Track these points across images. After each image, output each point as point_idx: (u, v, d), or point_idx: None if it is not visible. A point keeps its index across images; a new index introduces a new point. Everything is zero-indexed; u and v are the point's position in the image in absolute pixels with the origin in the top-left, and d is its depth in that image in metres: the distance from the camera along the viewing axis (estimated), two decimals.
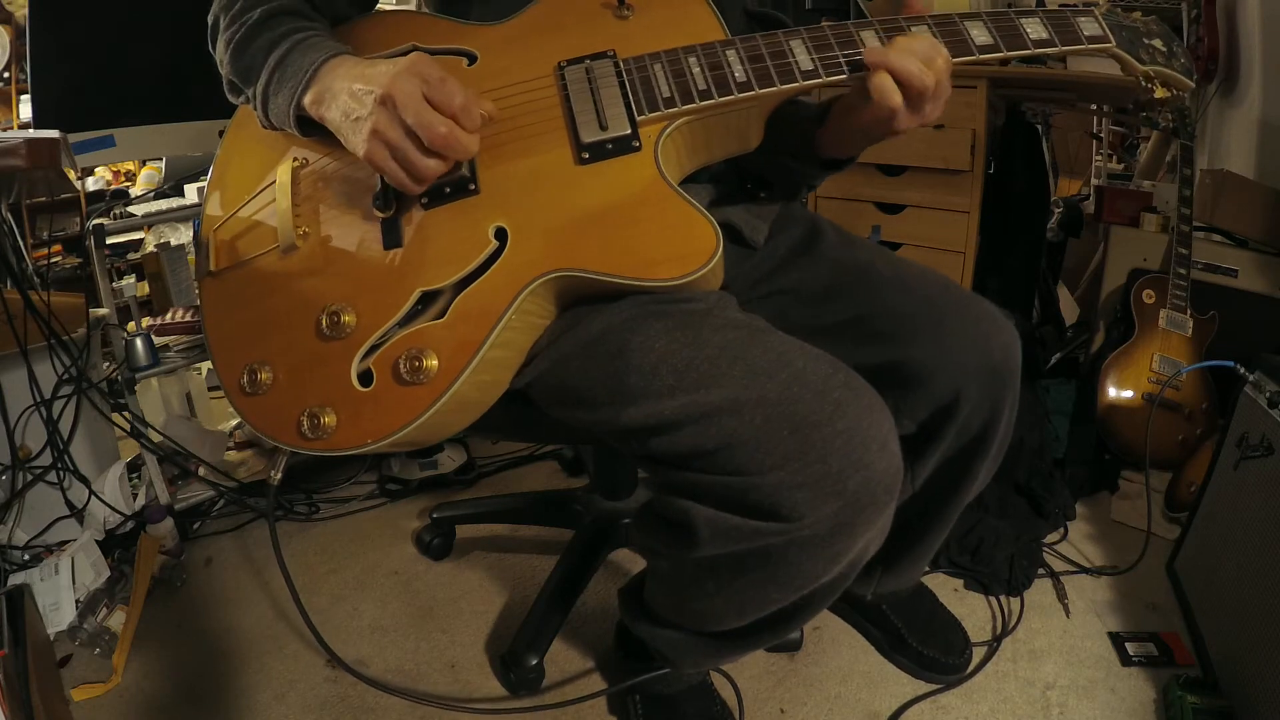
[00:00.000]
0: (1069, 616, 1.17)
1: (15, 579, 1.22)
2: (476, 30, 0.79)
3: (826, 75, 0.72)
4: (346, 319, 0.70)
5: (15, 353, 1.31)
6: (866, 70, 0.70)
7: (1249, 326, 1.50)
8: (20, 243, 1.48)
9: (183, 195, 1.74)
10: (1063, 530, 1.37)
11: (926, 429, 0.86)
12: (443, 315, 0.69)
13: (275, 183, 0.77)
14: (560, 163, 0.72)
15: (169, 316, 1.55)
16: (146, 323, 1.51)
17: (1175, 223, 1.56)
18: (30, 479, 1.34)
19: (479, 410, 0.74)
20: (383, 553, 1.42)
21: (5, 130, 2.17)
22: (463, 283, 0.69)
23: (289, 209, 0.74)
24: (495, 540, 1.44)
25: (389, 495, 1.61)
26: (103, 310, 1.44)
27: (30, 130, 1.25)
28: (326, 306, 0.71)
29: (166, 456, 1.50)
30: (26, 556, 1.30)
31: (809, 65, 0.72)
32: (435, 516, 1.40)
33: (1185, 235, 1.54)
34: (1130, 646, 1.09)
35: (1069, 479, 1.47)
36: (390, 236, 0.72)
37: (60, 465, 1.36)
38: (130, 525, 1.42)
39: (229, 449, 1.68)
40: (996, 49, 0.73)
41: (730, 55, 0.73)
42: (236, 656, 1.17)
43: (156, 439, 1.49)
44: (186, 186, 1.74)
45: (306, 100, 0.71)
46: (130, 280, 1.82)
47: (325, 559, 1.41)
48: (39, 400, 1.34)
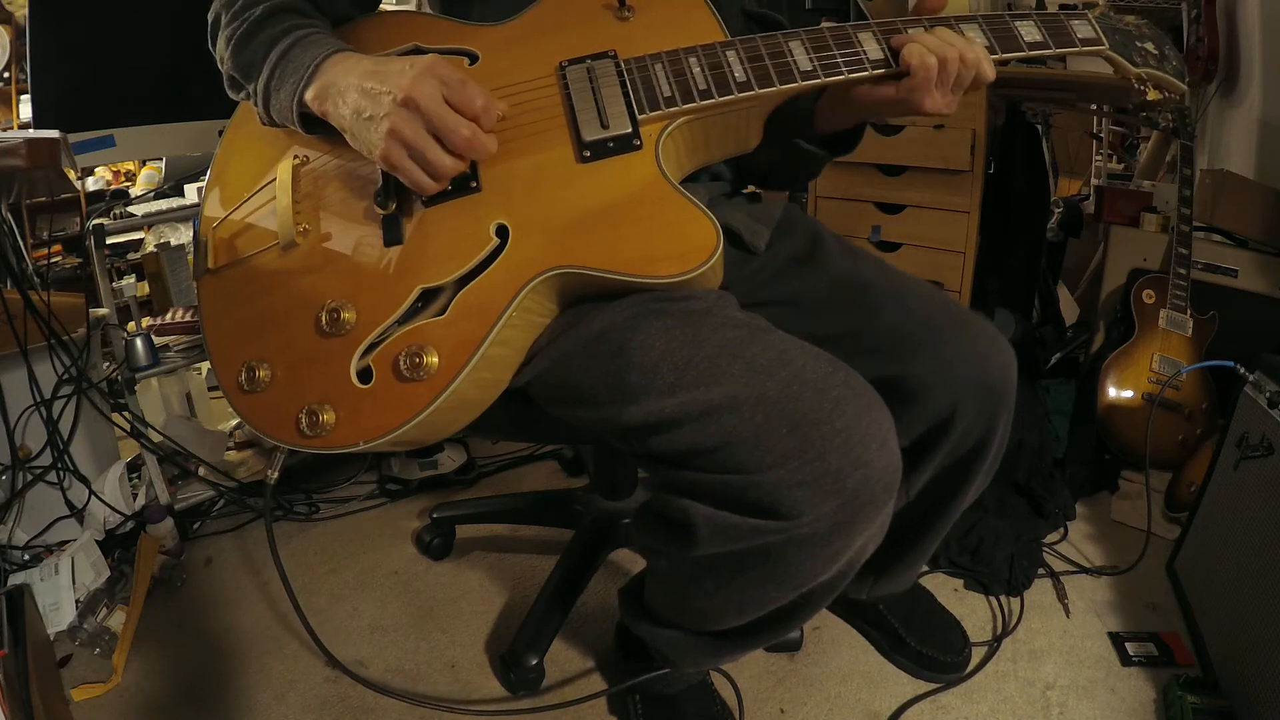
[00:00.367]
0: (1069, 616, 1.18)
1: (15, 579, 1.22)
2: (478, 30, 0.79)
3: (825, 75, 0.73)
4: (346, 316, 0.70)
5: (15, 353, 1.31)
6: (896, 51, 0.71)
7: (1249, 326, 1.50)
8: (20, 243, 1.48)
9: (183, 195, 1.73)
10: (1063, 530, 1.37)
11: (921, 444, 0.86)
12: (443, 312, 0.69)
13: (275, 180, 0.77)
14: (561, 161, 0.73)
15: (169, 316, 1.55)
16: (146, 323, 1.51)
17: (1175, 223, 1.56)
18: (30, 479, 1.34)
19: (479, 409, 0.74)
20: (383, 553, 1.42)
21: (5, 130, 2.17)
22: (464, 280, 0.69)
23: (289, 206, 0.74)
24: (495, 540, 1.44)
25: (389, 495, 1.61)
26: (103, 310, 1.44)
27: (30, 130, 1.24)
28: (326, 303, 0.71)
29: (166, 456, 1.50)
30: (26, 556, 1.30)
31: (808, 66, 0.73)
32: (435, 516, 1.40)
33: (1185, 235, 1.54)
34: (1130, 646, 1.10)
35: (1069, 479, 1.47)
36: (391, 233, 0.72)
37: (60, 465, 1.36)
38: (130, 525, 1.42)
39: (229, 449, 1.68)
40: (991, 51, 0.74)
41: (730, 56, 0.74)
42: (236, 656, 1.17)
43: (156, 439, 1.49)
44: (186, 186, 1.74)
45: (309, 96, 0.71)
46: (130, 280, 1.82)
47: (325, 559, 1.41)
48: (39, 400, 1.34)
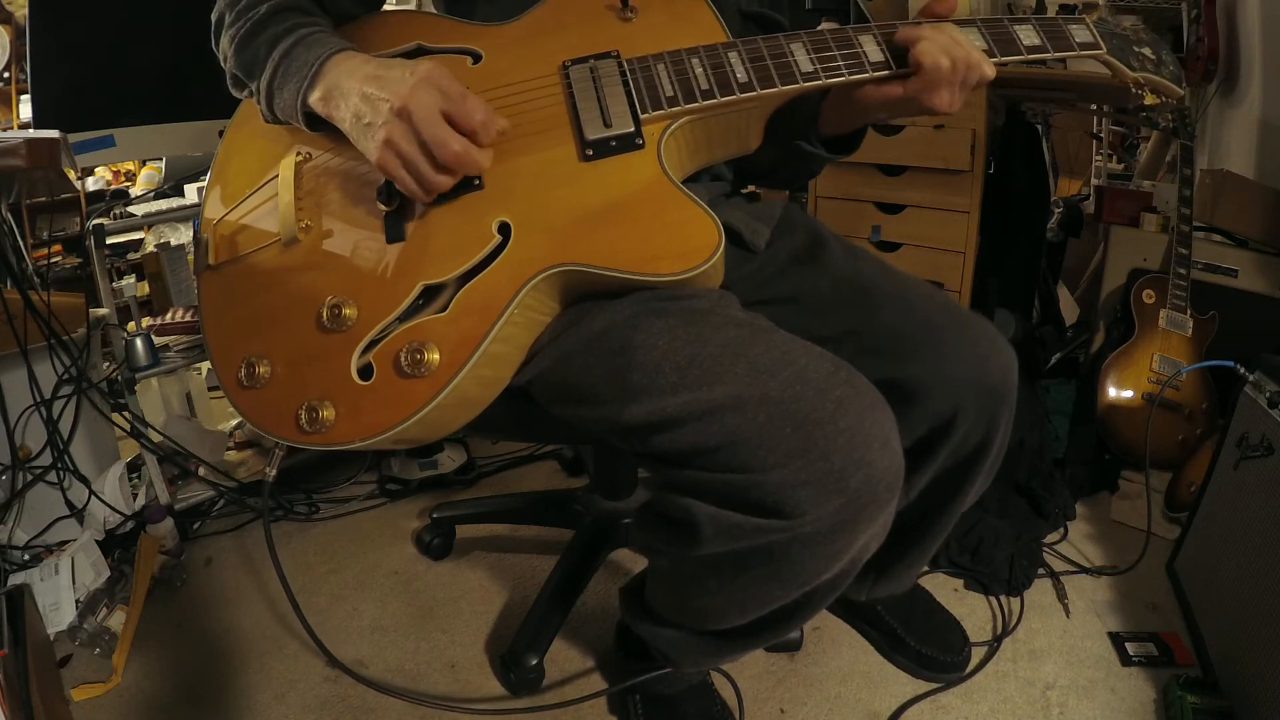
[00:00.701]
0: (1069, 616, 1.18)
1: (15, 579, 1.22)
2: (481, 30, 0.80)
3: (826, 77, 0.73)
4: (348, 312, 0.70)
5: (15, 353, 1.31)
6: (904, 46, 0.71)
7: (1249, 326, 1.50)
8: (20, 243, 1.48)
9: (183, 195, 1.73)
10: (1063, 530, 1.37)
11: (922, 445, 0.86)
12: (445, 309, 0.69)
13: (277, 177, 0.77)
14: (564, 159, 0.73)
15: (169, 316, 1.55)
16: (146, 323, 1.51)
17: (1175, 223, 1.56)
18: (30, 479, 1.34)
19: (479, 407, 0.74)
20: (383, 553, 1.42)
21: (5, 130, 2.17)
22: (465, 277, 0.69)
23: (291, 202, 0.74)
24: (495, 540, 1.44)
25: (389, 495, 1.61)
26: (103, 310, 1.44)
27: (30, 130, 1.24)
28: (327, 300, 0.71)
29: (166, 456, 1.50)
30: (26, 556, 1.30)
31: (809, 67, 0.73)
32: (435, 516, 1.40)
33: (1185, 235, 1.54)
34: (1130, 646, 1.10)
35: (1069, 479, 1.47)
36: (393, 230, 0.72)
37: (60, 465, 1.36)
38: (130, 525, 1.42)
39: (229, 449, 1.68)
40: (990, 55, 0.74)
41: (732, 56, 0.74)
42: (236, 656, 1.17)
43: (156, 439, 1.49)
44: (186, 186, 1.74)
45: (314, 98, 0.71)
46: (130, 280, 1.82)
47: (325, 559, 1.41)
48: (39, 400, 1.34)
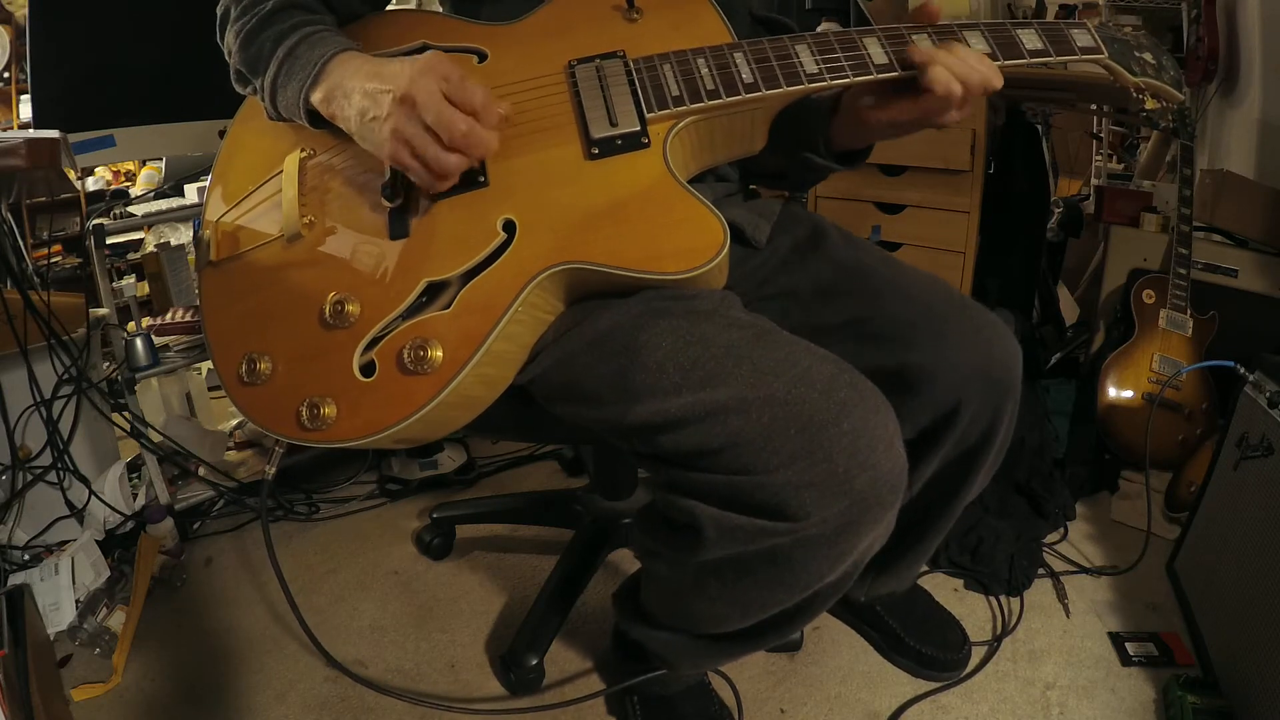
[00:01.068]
0: (1069, 616, 1.18)
1: (15, 579, 1.22)
2: (487, 30, 0.80)
3: (830, 79, 0.73)
4: (350, 309, 0.70)
5: (15, 353, 1.31)
6: (917, 67, 0.71)
7: (1249, 326, 1.50)
8: (20, 243, 1.48)
9: (183, 195, 1.73)
10: (1063, 530, 1.37)
11: (925, 436, 0.86)
12: (448, 307, 0.68)
13: (281, 173, 0.77)
14: (569, 158, 0.73)
15: (169, 316, 1.55)
16: (146, 323, 1.51)
17: (1175, 223, 1.56)
18: (30, 479, 1.34)
19: (481, 406, 0.74)
20: (382, 553, 1.42)
21: (5, 130, 2.17)
22: (469, 274, 0.69)
23: (295, 198, 0.74)
24: (495, 540, 1.44)
25: (389, 495, 1.61)
26: (103, 310, 1.44)
27: (30, 130, 1.25)
28: (330, 296, 0.70)
29: (166, 456, 1.51)
30: (26, 556, 1.30)
31: (814, 69, 0.73)
32: (435, 516, 1.40)
33: (1185, 235, 1.54)
34: (1130, 646, 1.10)
35: (1069, 479, 1.47)
36: (397, 227, 0.72)
37: (60, 465, 1.36)
38: (130, 525, 1.42)
39: (229, 449, 1.68)
40: (994, 58, 0.74)
41: (738, 57, 0.74)
42: (236, 656, 1.17)
43: (156, 439, 1.49)
44: (186, 186, 1.74)
45: (316, 97, 0.71)
46: (130, 280, 1.82)
47: (325, 559, 1.41)
48: (39, 400, 1.34)
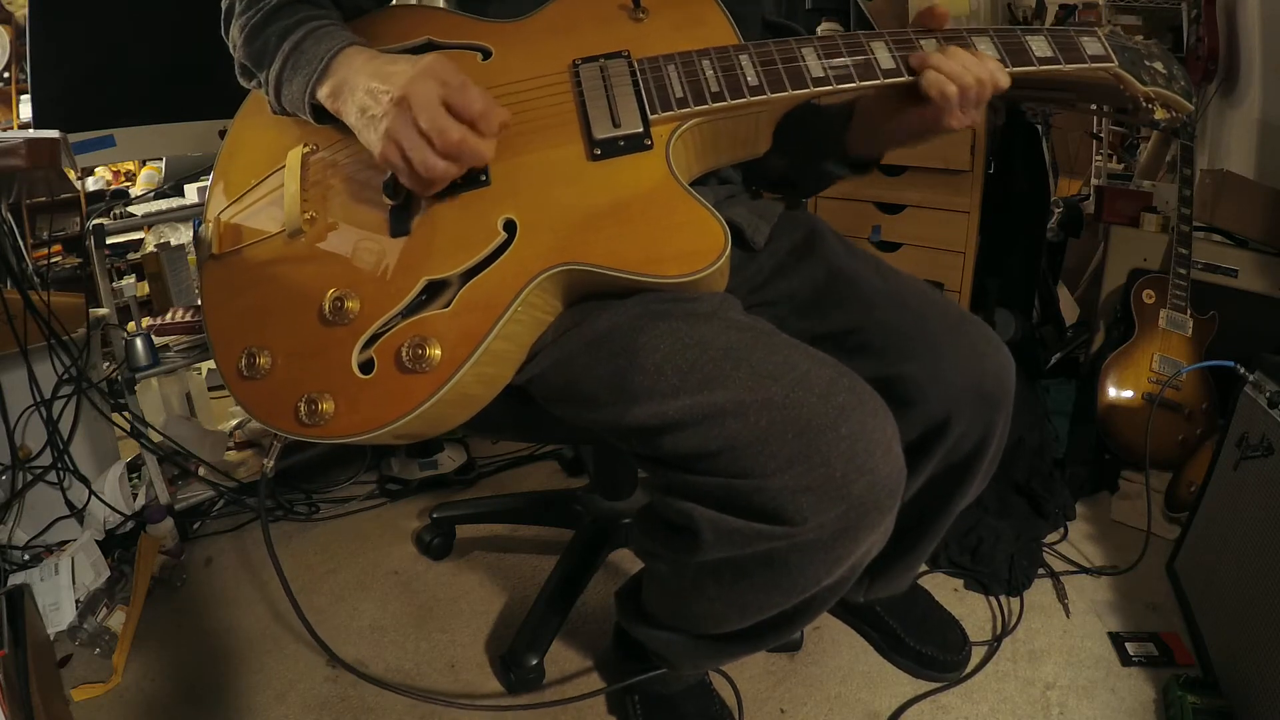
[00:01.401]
0: (1069, 616, 1.18)
1: (15, 579, 1.22)
2: (492, 27, 0.80)
3: (836, 83, 0.73)
4: (350, 305, 0.70)
5: (15, 353, 1.31)
6: (915, 74, 0.71)
7: (1249, 326, 1.50)
8: (20, 243, 1.48)
9: (183, 195, 1.73)
10: (1063, 530, 1.37)
11: (915, 448, 0.85)
12: (448, 305, 0.68)
13: (284, 168, 0.76)
14: (572, 158, 0.73)
15: (169, 316, 1.55)
16: (146, 323, 1.51)
17: (1175, 223, 1.56)
18: (30, 479, 1.34)
19: (480, 404, 0.74)
20: (383, 553, 1.42)
21: (5, 130, 2.17)
22: (470, 273, 0.69)
23: (297, 193, 0.74)
24: (495, 540, 1.44)
25: (389, 495, 1.61)
26: (103, 310, 1.44)
27: (30, 130, 1.25)
28: (330, 292, 0.70)
29: (166, 456, 1.51)
30: (26, 556, 1.30)
31: (820, 72, 0.73)
32: (435, 516, 1.40)
33: (1185, 235, 1.54)
34: (1130, 646, 1.10)
35: (1069, 479, 1.47)
36: (398, 224, 0.72)
37: (60, 465, 1.36)
38: (130, 525, 1.42)
39: (229, 449, 1.68)
40: (1003, 64, 0.74)
41: (743, 59, 0.74)
42: (236, 656, 1.17)
43: (156, 439, 1.49)
44: (186, 186, 1.74)
45: (323, 93, 0.71)
46: (130, 280, 1.82)
47: (325, 559, 1.41)
48: (39, 400, 1.34)
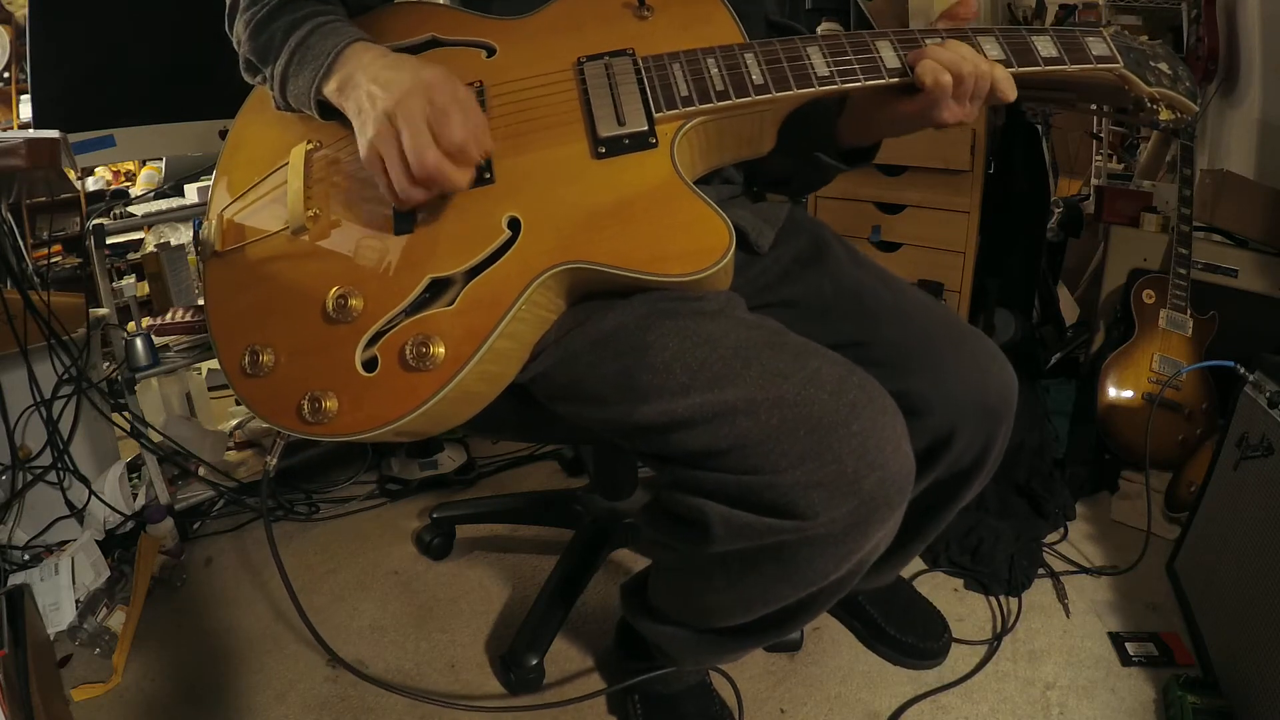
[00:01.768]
0: (1069, 616, 1.18)
1: (15, 579, 1.22)
2: (497, 24, 0.80)
3: (841, 82, 0.73)
4: (354, 303, 0.70)
5: (15, 353, 1.31)
6: (911, 67, 0.71)
7: (1249, 326, 1.50)
8: (20, 243, 1.48)
9: (183, 195, 1.73)
10: (1063, 530, 1.37)
11: (920, 457, 0.84)
12: (452, 303, 0.68)
13: (287, 164, 0.76)
14: (576, 156, 0.73)
15: (169, 316, 1.55)
16: (146, 323, 1.51)
17: (1175, 223, 1.56)
18: (30, 479, 1.34)
19: (482, 402, 0.74)
20: (383, 553, 1.42)
21: (5, 130, 2.17)
22: (473, 271, 0.69)
23: (300, 190, 0.74)
24: (495, 540, 1.44)
25: (389, 495, 1.61)
26: (103, 310, 1.44)
27: (30, 130, 1.25)
28: (333, 290, 0.70)
29: (166, 456, 1.51)
30: (26, 556, 1.30)
31: (825, 72, 0.73)
32: (435, 516, 1.40)
33: (1185, 235, 1.54)
34: (1130, 646, 1.10)
35: (1069, 479, 1.47)
36: (402, 222, 0.72)
37: (60, 465, 1.36)
38: (130, 525, 1.42)
39: (229, 449, 1.68)
40: (1008, 64, 0.73)
41: (748, 58, 0.74)
42: (236, 656, 1.17)
43: (156, 439, 1.49)
44: (186, 186, 1.73)
45: (330, 88, 0.71)
46: (130, 280, 1.82)
47: (325, 559, 1.41)
48: (39, 400, 1.34)
